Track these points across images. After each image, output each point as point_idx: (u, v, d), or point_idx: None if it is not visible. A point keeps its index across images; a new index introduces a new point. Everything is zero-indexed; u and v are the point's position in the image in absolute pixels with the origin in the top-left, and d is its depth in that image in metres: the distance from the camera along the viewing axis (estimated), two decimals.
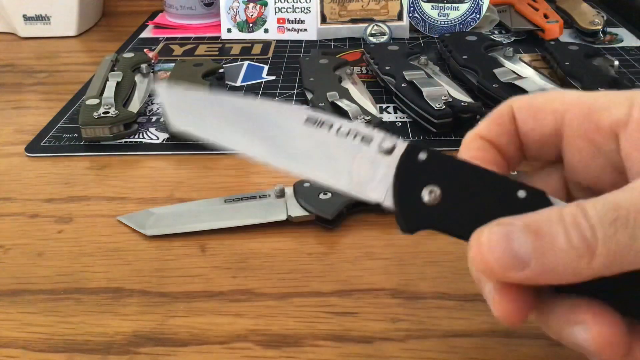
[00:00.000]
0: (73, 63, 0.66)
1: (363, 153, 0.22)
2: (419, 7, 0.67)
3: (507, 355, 0.28)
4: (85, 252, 0.36)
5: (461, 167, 0.21)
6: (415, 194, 0.21)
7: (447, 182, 0.21)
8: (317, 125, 0.22)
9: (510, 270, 0.19)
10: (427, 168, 0.21)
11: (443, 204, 0.21)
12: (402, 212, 0.22)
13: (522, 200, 0.21)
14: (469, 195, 0.21)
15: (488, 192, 0.21)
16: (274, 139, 0.23)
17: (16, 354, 0.29)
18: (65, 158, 0.46)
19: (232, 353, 0.29)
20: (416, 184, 0.21)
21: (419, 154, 0.22)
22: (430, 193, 0.21)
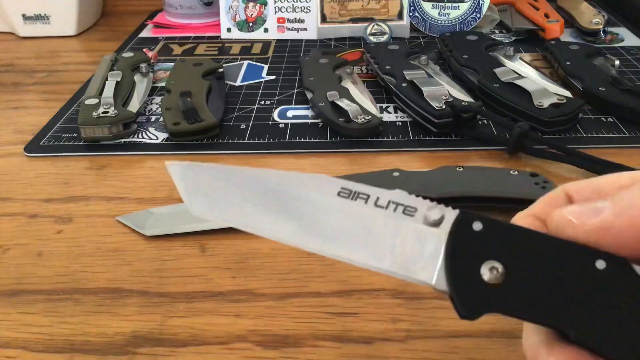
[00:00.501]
0: (72, 63, 0.66)
1: (407, 226, 0.19)
2: (419, 7, 0.67)
3: (507, 356, 0.28)
4: (84, 252, 0.36)
5: (526, 236, 0.19)
6: (473, 273, 0.18)
7: (511, 256, 0.18)
8: (351, 197, 0.20)
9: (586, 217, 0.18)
10: (485, 240, 0.19)
11: (507, 283, 0.18)
12: (458, 295, 0.19)
13: (602, 272, 0.18)
14: (537, 271, 0.18)
15: (560, 264, 0.18)
16: (303, 217, 0.20)
17: (16, 354, 0.29)
18: (65, 158, 0.46)
19: (232, 353, 0.29)
20: (473, 260, 0.18)
21: (474, 224, 0.19)
22: (491, 270, 0.18)
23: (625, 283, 0.18)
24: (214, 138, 0.47)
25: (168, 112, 0.48)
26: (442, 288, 0.19)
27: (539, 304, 0.18)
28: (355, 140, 0.46)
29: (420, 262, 0.19)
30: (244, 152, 0.46)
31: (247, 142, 0.47)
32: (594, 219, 0.18)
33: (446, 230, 0.19)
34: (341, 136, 0.47)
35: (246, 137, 0.47)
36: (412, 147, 0.46)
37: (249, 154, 0.46)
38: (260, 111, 0.52)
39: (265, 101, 0.54)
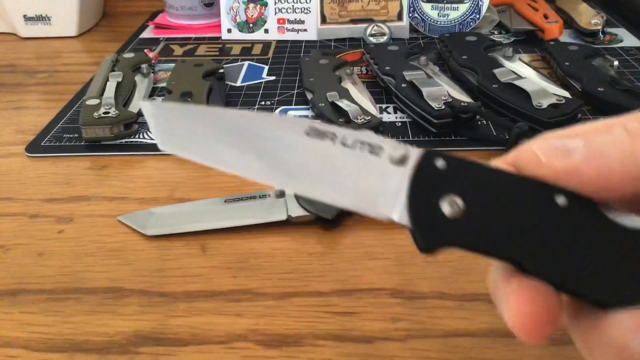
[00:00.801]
0: (73, 63, 0.66)
1: (372, 165, 0.20)
2: (418, 8, 0.67)
3: (507, 355, 0.28)
4: (85, 252, 0.36)
5: (487, 173, 0.19)
6: (433, 207, 0.19)
7: (471, 191, 0.18)
8: (319, 137, 0.20)
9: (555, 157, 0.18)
10: (447, 176, 0.19)
11: (467, 217, 0.18)
12: (418, 228, 0.19)
13: (562, 208, 0.18)
14: (497, 206, 0.18)
15: (520, 200, 0.18)
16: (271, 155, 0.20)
17: (16, 354, 0.29)
18: (66, 158, 0.46)
19: (232, 353, 0.29)
20: (434, 195, 0.19)
21: (437, 161, 0.19)
22: (451, 204, 0.18)
23: (584, 219, 0.18)
24: None
25: None
26: (403, 222, 0.19)
27: (498, 238, 0.18)
28: None
29: (383, 198, 0.19)
30: None
31: None
32: (562, 160, 0.18)
33: (410, 168, 0.19)
34: None
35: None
36: None
37: None
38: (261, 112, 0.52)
39: (265, 102, 0.54)
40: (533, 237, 0.18)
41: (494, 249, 0.18)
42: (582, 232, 0.18)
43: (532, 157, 0.18)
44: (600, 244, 0.18)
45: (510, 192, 0.18)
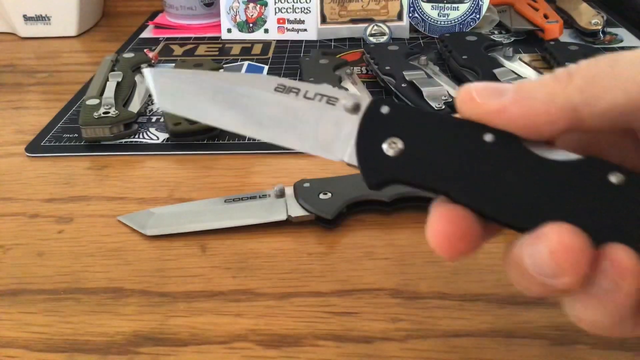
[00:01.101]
0: (73, 63, 0.66)
1: (329, 114, 0.22)
2: (419, 7, 0.67)
3: (507, 355, 0.28)
4: (85, 252, 0.36)
5: (425, 117, 0.21)
6: (377, 148, 0.21)
7: (409, 133, 0.21)
8: (286, 92, 0.23)
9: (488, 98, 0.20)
10: (390, 121, 0.21)
11: (405, 156, 0.21)
12: (363, 166, 0.22)
13: (489, 144, 0.20)
14: (431, 145, 0.20)
15: (451, 139, 0.20)
16: (246, 109, 0.23)
17: (16, 354, 0.29)
18: (66, 158, 0.46)
19: (232, 353, 0.29)
20: (378, 138, 0.21)
21: (382, 108, 0.21)
22: (391, 145, 0.21)
23: (508, 152, 0.20)
24: (214, 138, 0.47)
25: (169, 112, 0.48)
26: (352, 163, 0.22)
27: (431, 173, 0.20)
28: None
29: (337, 143, 0.22)
30: (244, 152, 0.46)
31: (248, 143, 0.47)
32: (494, 101, 0.20)
33: (360, 115, 0.22)
34: None
35: (246, 137, 0.48)
36: None
37: (249, 154, 0.46)
38: None
39: None
40: (461, 171, 0.20)
41: (428, 183, 0.21)
42: (505, 165, 0.20)
43: (468, 97, 0.20)
44: (520, 175, 0.19)
45: (444, 133, 0.20)
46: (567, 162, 0.19)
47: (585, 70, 0.19)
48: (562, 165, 0.19)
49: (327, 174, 0.41)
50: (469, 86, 0.21)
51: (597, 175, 0.19)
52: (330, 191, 0.38)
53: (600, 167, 0.19)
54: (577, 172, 0.19)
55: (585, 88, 0.19)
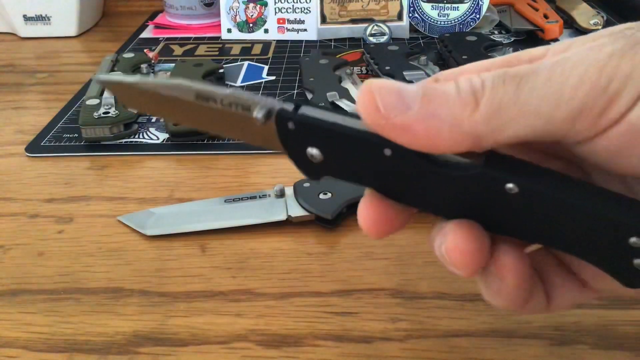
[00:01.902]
0: (73, 63, 0.66)
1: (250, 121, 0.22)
2: (418, 7, 0.67)
3: (507, 355, 0.28)
4: (85, 252, 0.36)
5: (329, 130, 0.21)
6: (302, 154, 0.22)
7: (322, 144, 0.22)
8: (205, 100, 0.23)
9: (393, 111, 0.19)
10: (301, 135, 0.22)
11: (326, 162, 0.22)
12: (298, 168, 0.23)
13: (389, 157, 0.21)
14: (343, 154, 0.22)
15: (357, 150, 0.21)
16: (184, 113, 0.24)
17: (16, 354, 0.29)
18: (66, 158, 0.46)
19: (232, 353, 0.29)
20: (298, 147, 0.22)
21: (288, 123, 0.22)
22: (312, 154, 0.22)
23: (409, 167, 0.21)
24: (214, 138, 0.47)
25: None
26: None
27: (350, 174, 0.22)
28: None
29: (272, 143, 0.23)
30: (244, 152, 0.46)
31: None
32: (399, 117, 0.19)
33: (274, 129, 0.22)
34: None
35: None
36: None
37: (249, 154, 0.46)
38: None
39: None
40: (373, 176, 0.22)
41: (352, 181, 0.22)
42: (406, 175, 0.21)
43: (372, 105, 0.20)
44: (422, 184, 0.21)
45: (350, 145, 0.21)
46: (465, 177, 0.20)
47: (490, 96, 0.19)
48: (461, 179, 0.20)
49: None
50: (371, 88, 0.20)
51: (495, 187, 0.20)
52: (330, 191, 0.38)
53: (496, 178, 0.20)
54: (475, 183, 0.20)
55: (491, 118, 0.19)
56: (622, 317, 0.30)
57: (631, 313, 0.30)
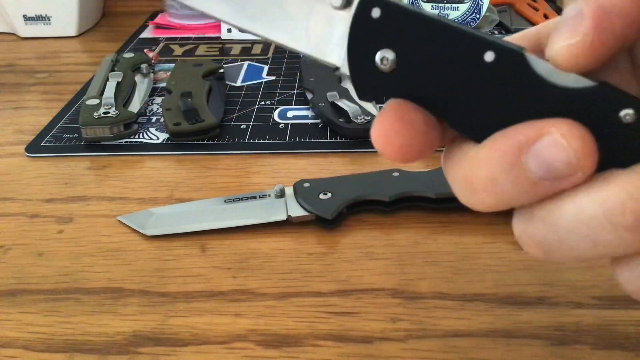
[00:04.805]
0: (73, 63, 0.66)
1: (318, 10, 0.19)
2: (419, 7, 0.67)
3: (507, 355, 0.28)
4: (85, 252, 0.36)
5: (420, 23, 0.18)
6: (369, 60, 0.19)
7: (403, 44, 0.18)
8: None
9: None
10: (382, 27, 0.18)
11: (397, 71, 0.18)
12: (355, 81, 0.19)
13: (490, 65, 0.17)
14: (426, 61, 0.18)
15: (449, 54, 0.18)
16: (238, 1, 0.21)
17: (16, 354, 0.29)
18: (66, 158, 0.46)
19: (232, 353, 0.29)
20: (369, 48, 0.19)
21: (372, 10, 0.18)
22: (383, 59, 0.18)
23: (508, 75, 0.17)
24: (214, 138, 0.47)
25: (169, 112, 0.48)
26: (346, 72, 0.19)
27: (424, 93, 0.18)
28: (355, 140, 0.46)
29: (330, 45, 0.20)
30: (244, 152, 0.46)
31: (248, 143, 0.47)
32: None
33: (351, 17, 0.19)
34: (341, 136, 0.47)
35: (246, 138, 0.48)
36: None
37: (249, 154, 0.46)
38: (261, 111, 0.52)
39: (265, 102, 0.54)
40: (457, 92, 0.18)
41: (422, 102, 0.19)
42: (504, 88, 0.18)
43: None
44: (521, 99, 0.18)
45: (440, 47, 0.18)
46: (575, 90, 0.17)
47: None
48: (569, 93, 0.17)
49: (327, 174, 0.41)
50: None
51: (606, 110, 0.17)
52: (330, 191, 0.38)
53: (611, 100, 0.17)
54: (584, 102, 0.17)
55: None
56: (622, 317, 0.30)
57: (631, 313, 0.30)
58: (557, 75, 0.17)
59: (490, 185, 0.18)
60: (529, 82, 0.17)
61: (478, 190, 0.18)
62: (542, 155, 0.17)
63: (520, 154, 0.17)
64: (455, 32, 0.18)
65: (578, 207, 0.17)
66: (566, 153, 0.17)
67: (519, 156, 0.17)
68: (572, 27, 0.17)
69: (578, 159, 0.17)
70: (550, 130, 0.17)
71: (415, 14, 0.18)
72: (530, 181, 0.17)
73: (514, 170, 0.17)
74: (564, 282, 0.32)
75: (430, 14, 0.18)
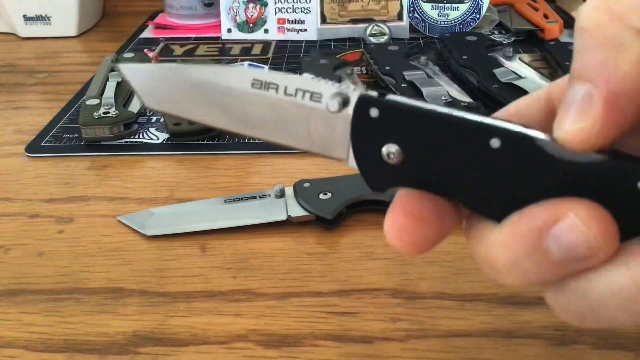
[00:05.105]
0: (73, 63, 0.66)
1: (316, 112, 0.20)
2: (419, 7, 0.67)
3: (507, 355, 0.28)
4: (85, 252, 0.36)
5: (421, 118, 0.18)
6: (375, 155, 0.19)
7: (407, 139, 0.18)
8: (264, 88, 0.20)
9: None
10: (383, 125, 0.19)
11: (406, 163, 0.19)
12: (364, 174, 0.20)
13: (497, 150, 0.17)
14: (433, 151, 0.18)
15: (454, 144, 0.18)
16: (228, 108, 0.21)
17: (16, 354, 0.29)
18: (66, 158, 0.46)
19: (232, 353, 0.29)
20: (374, 144, 0.19)
21: (371, 110, 0.19)
22: (389, 153, 0.19)
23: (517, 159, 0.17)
24: (214, 138, 0.47)
25: None
26: (354, 166, 0.20)
27: (435, 180, 0.19)
28: None
29: (334, 143, 0.20)
30: (245, 152, 0.46)
31: (248, 143, 0.47)
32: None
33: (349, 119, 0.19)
34: None
35: (246, 137, 0.48)
36: None
37: (249, 154, 0.46)
38: None
39: None
40: (467, 178, 0.18)
41: (434, 190, 0.19)
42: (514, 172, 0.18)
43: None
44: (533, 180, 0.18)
45: (445, 137, 0.18)
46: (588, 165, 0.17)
47: None
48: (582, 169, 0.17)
49: (327, 174, 0.41)
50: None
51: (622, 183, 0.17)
52: (330, 191, 0.38)
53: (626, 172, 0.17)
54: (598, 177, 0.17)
55: None
56: None
57: None
58: (567, 153, 0.17)
59: (514, 268, 0.18)
60: (539, 162, 0.17)
61: (502, 273, 0.18)
62: (562, 240, 0.17)
63: (539, 238, 0.17)
64: (457, 122, 0.18)
65: (608, 282, 0.17)
66: (585, 237, 0.16)
67: (539, 240, 0.17)
68: (581, 109, 0.17)
69: (598, 241, 0.16)
70: (568, 212, 0.17)
71: (414, 109, 0.18)
72: (553, 263, 0.17)
73: (536, 254, 0.17)
74: None
75: (430, 107, 0.18)
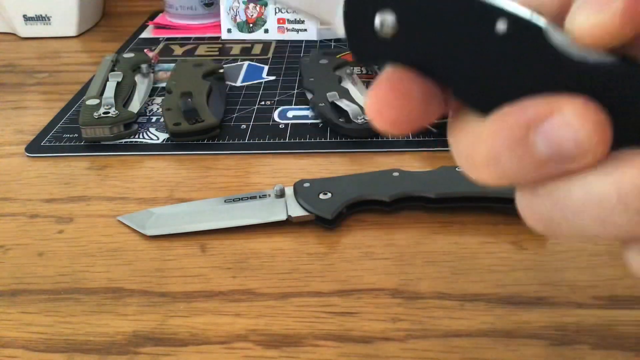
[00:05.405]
0: (73, 63, 0.66)
1: None
2: None
3: (507, 355, 0.28)
4: (85, 252, 0.36)
5: None
6: (367, 22, 0.17)
7: (405, 7, 0.16)
8: None
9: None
10: None
11: (398, 36, 0.17)
12: (351, 42, 0.18)
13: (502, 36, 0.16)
14: (430, 27, 0.16)
15: (456, 21, 0.16)
16: None
17: (16, 354, 0.29)
18: (66, 158, 0.46)
19: (232, 353, 0.29)
20: (368, 9, 0.17)
21: None
22: (383, 22, 0.17)
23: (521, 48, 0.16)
24: (214, 138, 0.47)
25: (169, 112, 0.48)
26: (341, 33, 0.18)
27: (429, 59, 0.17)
28: (355, 140, 0.46)
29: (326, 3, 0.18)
30: (244, 152, 0.46)
31: (248, 143, 0.47)
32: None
33: None
34: (341, 136, 0.47)
35: (246, 138, 0.48)
36: (412, 147, 0.46)
37: (249, 154, 0.46)
38: (261, 111, 0.52)
39: (265, 102, 0.54)
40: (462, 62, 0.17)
41: (425, 70, 0.17)
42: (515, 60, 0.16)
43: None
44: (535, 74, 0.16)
45: (447, 12, 0.16)
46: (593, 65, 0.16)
47: None
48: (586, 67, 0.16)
49: (327, 174, 0.41)
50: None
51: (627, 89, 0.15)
52: (330, 191, 0.38)
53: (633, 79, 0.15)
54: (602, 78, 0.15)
55: None
56: (622, 317, 0.30)
57: (631, 313, 0.30)
58: (575, 48, 0.16)
59: (493, 163, 0.17)
60: (544, 53, 0.16)
61: (478, 167, 0.17)
62: (552, 135, 0.16)
63: (528, 131, 0.16)
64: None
65: (588, 188, 0.16)
66: (578, 135, 0.15)
67: (527, 133, 0.16)
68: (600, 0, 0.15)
69: (590, 143, 0.15)
70: (563, 108, 0.15)
71: None
72: (536, 161, 0.16)
73: (520, 148, 0.16)
74: (564, 282, 0.32)
75: None
